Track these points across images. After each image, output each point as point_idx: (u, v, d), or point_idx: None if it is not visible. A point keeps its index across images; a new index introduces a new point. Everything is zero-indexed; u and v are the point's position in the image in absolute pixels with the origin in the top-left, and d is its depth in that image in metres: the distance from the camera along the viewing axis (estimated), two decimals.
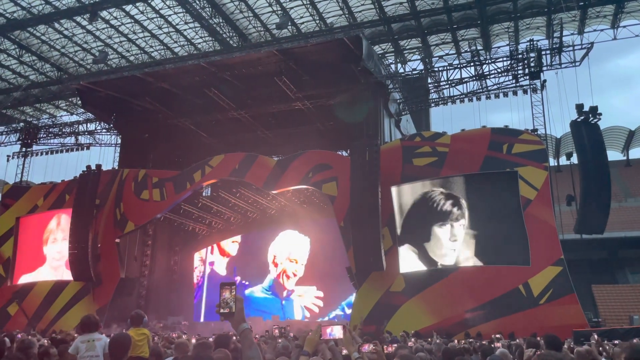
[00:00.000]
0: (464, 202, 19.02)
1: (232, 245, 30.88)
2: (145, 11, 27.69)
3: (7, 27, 29.32)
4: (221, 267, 30.77)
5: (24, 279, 25.01)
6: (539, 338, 8.62)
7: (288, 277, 28.73)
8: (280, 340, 7.47)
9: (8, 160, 31.65)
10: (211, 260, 31.07)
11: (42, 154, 31.70)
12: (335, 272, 23.83)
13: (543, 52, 21.90)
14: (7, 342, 5.15)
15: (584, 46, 21.92)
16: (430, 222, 19.33)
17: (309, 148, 22.71)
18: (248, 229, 30.59)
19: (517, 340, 11.07)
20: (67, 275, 23.82)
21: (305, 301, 27.81)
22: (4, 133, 33.96)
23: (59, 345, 6.18)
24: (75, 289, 23.40)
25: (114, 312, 22.27)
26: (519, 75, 22.30)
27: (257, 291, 29.09)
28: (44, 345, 6.47)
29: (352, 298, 21.23)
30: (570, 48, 21.75)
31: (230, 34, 29.06)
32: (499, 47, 27.70)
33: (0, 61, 33.17)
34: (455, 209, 19.09)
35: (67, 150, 31.42)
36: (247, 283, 29.25)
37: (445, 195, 19.35)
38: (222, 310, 2.69)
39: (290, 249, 29.00)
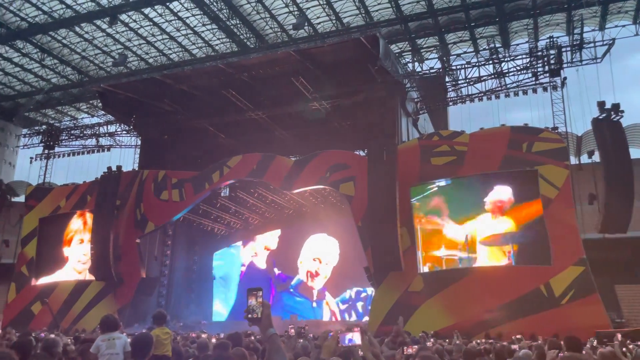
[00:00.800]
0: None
1: (271, 238, 30.99)
2: (163, 14, 28.01)
3: (30, 31, 29.90)
4: (261, 260, 30.94)
5: (47, 279, 25.46)
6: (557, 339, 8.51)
7: (313, 276, 28.75)
8: (300, 340, 7.51)
9: (31, 162, 32.26)
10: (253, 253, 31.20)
11: (64, 155, 32.24)
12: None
13: (563, 49, 21.60)
14: (34, 342, 5.25)
15: (605, 42, 21.58)
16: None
17: (326, 148, 22.72)
18: (266, 228, 30.74)
19: (539, 342, 10.94)
20: (89, 275, 24.20)
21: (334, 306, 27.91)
22: (27, 135, 34.64)
23: (83, 344, 6.29)
24: (97, 288, 23.74)
25: (135, 312, 22.57)
26: (538, 73, 22.02)
27: (286, 291, 29.25)
28: (67, 344, 6.59)
29: None
30: (591, 44, 21.43)
31: (248, 35, 29.22)
32: (517, 45, 27.38)
33: (23, 65, 33.86)
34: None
35: (88, 152, 31.93)
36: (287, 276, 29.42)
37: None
38: (249, 316, 2.74)
39: (315, 249, 29.02)
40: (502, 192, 18.79)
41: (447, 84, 24.28)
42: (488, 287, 17.61)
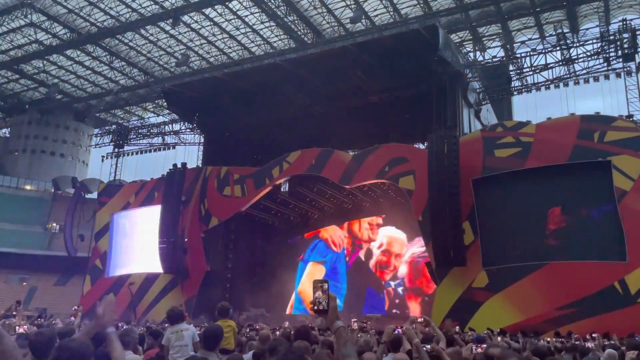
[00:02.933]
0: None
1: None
2: (223, 13, 28.65)
3: (99, 35, 31.43)
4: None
5: (119, 272, 26.76)
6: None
7: (382, 269, 28.55)
8: (360, 335, 7.48)
9: (102, 160, 34.03)
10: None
11: (132, 154, 33.74)
12: None
13: (638, 32, 20.31)
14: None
15: None
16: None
17: (385, 141, 22.49)
18: (326, 222, 30.85)
19: (613, 341, 10.39)
20: (157, 268, 25.21)
21: None
22: (98, 135, 36.54)
23: (157, 338, 6.55)
24: (165, 281, 24.73)
25: (201, 304, 23.29)
26: (610, 58, 20.83)
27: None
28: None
29: None
30: None
31: (305, 31, 29.39)
32: (587, 29, 26.06)
33: (93, 68, 35.66)
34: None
35: (154, 150, 33.26)
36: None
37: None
38: (315, 308, 2.74)
39: (383, 240, 28.83)
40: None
41: (511, 73, 23.42)
42: (557, 284, 16.88)
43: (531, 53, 22.39)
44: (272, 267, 29.20)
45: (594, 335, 10.50)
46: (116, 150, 33.41)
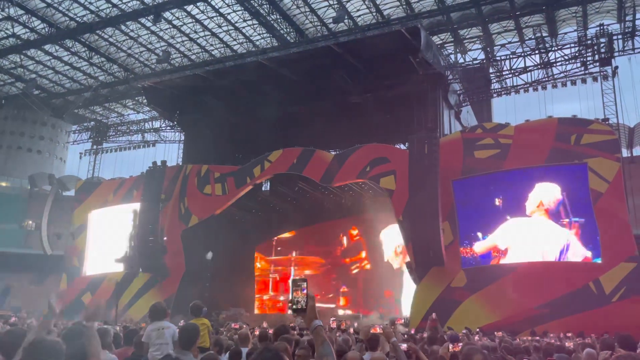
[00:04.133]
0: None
1: None
2: (205, 10, 28.40)
3: (78, 30, 30.89)
4: None
5: (96, 270, 26.39)
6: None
7: None
8: (338, 334, 7.51)
9: (80, 157, 33.61)
10: None
11: (111, 151, 33.35)
12: None
13: (614, 37, 20.75)
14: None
15: None
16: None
17: (366, 142, 22.58)
18: (307, 222, 30.81)
19: (587, 340, 10.57)
20: (136, 266, 24.91)
21: None
22: (77, 132, 35.99)
23: (135, 336, 6.46)
24: (143, 280, 24.48)
25: (180, 303, 23.08)
26: (588, 62, 21.25)
27: None
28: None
29: None
30: None
31: (288, 29, 29.29)
32: (565, 33, 26.42)
33: (72, 63, 35.05)
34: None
35: (134, 147, 32.94)
36: None
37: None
38: (294, 307, 2.73)
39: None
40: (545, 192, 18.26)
41: (491, 75, 23.70)
42: (534, 284, 17.17)
43: (511, 56, 22.70)
44: (252, 267, 29.10)
45: (568, 334, 10.69)
46: (94, 147, 32.99)
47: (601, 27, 21.39)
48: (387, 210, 22.02)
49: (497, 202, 19.06)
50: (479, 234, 19.09)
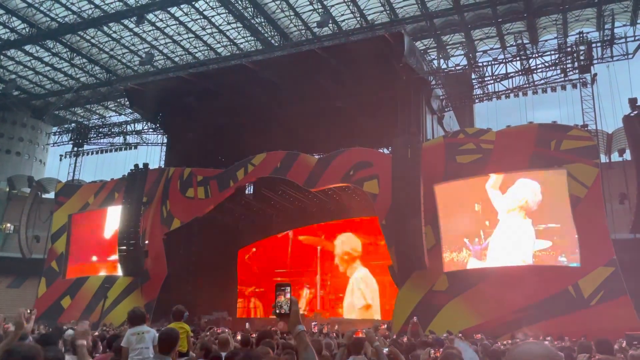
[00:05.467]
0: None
1: None
2: (189, 13, 28.28)
3: (60, 31, 30.51)
4: None
5: (76, 274, 25.99)
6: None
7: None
8: (320, 337, 7.50)
9: (61, 159, 33.05)
10: None
11: (92, 153, 32.90)
12: None
13: (593, 45, 21.13)
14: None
15: (637, 38, 21.08)
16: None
17: (350, 145, 22.66)
18: (291, 225, 30.78)
19: (567, 343, 10.72)
20: (117, 270, 24.62)
21: None
22: (57, 133, 35.47)
23: (114, 341, 6.38)
24: (124, 284, 24.16)
25: (162, 307, 22.84)
26: (567, 69, 21.60)
27: None
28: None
29: None
30: (623, 40, 20.96)
31: (272, 33, 29.29)
32: (546, 41, 26.86)
33: (53, 64, 34.59)
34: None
35: (115, 150, 32.52)
36: None
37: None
38: (277, 312, 2.72)
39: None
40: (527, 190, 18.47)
41: (473, 81, 23.97)
42: (514, 288, 17.30)
43: (492, 62, 22.97)
44: (235, 271, 28.94)
45: (547, 338, 10.82)
46: (75, 149, 32.53)
47: (581, 35, 21.78)
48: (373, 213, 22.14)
49: (477, 207, 19.25)
50: (466, 240, 19.24)
